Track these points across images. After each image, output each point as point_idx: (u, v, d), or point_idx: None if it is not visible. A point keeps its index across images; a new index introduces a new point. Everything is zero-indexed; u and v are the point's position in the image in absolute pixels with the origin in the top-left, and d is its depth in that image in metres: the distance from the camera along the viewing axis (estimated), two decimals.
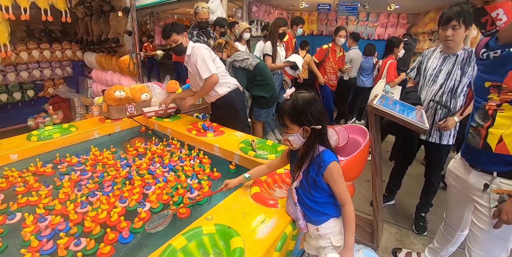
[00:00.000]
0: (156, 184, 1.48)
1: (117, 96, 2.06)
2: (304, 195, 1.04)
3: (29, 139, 1.79)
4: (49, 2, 3.30)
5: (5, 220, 1.22)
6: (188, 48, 2.03)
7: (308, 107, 0.94)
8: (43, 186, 1.46)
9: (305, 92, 0.98)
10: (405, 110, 1.72)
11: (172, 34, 1.95)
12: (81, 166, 1.68)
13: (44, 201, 1.35)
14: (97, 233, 1.14)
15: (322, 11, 5.31)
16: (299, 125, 0.97)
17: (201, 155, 1.76)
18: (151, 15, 7.69)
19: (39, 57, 3.58)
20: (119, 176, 1.56)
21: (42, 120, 3.78)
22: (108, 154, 1.80)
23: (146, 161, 1.72)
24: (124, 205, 1.32)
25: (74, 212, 1.25)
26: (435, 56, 1.96)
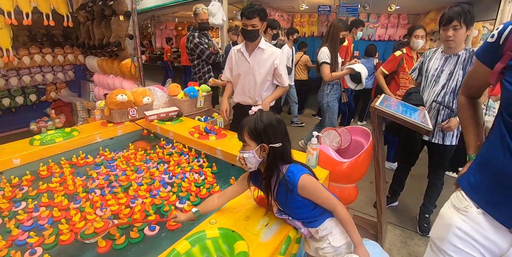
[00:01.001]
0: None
1: (119, 100, 2.06)
2: (290, 215, 1.03)
3: (32, 144, 1.80)
4: (51, 7, 3.32)
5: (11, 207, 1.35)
6: (268, 45, 2.00)
7: (271, 125, 0.94)
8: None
9: (270, 111, 1.00)
10: (407, 111, 1.72)
11: (256, 17, 1.83)
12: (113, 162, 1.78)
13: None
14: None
15: (322, 12, 5.32)
16: (257, 142, 0.95)
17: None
18: (151, 19, 7.77)
19: (41, 61, 3.59)
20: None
21: (44, 124, 3.79)
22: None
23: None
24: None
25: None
26: (437, 56, 1.96)
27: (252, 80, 2.02)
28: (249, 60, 2.00)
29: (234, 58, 2.07)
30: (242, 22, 1.89)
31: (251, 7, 1.81)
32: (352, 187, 1.58)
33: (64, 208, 1.35)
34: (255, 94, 2.06)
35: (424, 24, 5.90)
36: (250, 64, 2.00)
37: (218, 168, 1.70)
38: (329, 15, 6.46)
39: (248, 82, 2.04)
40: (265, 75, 2.02)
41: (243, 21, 1.87)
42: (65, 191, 1.48)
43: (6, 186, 1.49)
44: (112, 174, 1.64)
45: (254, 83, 2.03)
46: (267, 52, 1.99)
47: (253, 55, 2.00)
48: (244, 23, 1.87)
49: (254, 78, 2.01)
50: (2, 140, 3.51)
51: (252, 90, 2.04)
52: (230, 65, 2.11)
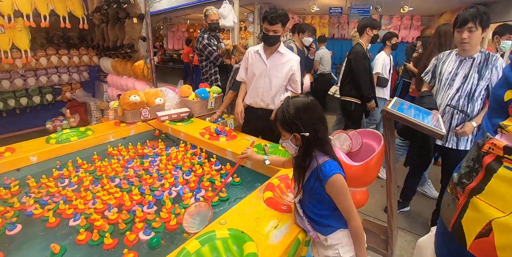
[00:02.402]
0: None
1: (132, 101, 2.11)
2: (307, 209, 1.02)
3: (48, 142, 1.85)
4: (68, 10, 3.42)
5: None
6: (287, 50, 2.00)
7: (299, 114, 0.92)
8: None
9: (302, 96, 0.96)
10: (420, 115, 1.69)
11: (278, 23, 1.79)
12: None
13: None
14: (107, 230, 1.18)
15: (333, 14, 5.30)
16: (289, 132, 0.95)
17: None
18: (164, 21, 7.88)
19: (57, 62, 3.70)
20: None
21: (59, 123, 3.90)
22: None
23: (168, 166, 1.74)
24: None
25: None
26: (451, 59, 1.92)
27: (267, 83, 2.02)
28: (267, 63, 1.99)
29: (250, 58, 2.06)
30: (263, 27, 1.87)
31: (274, 12, 1.77)
32: (363, 191, 1.57)
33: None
34: (268, 97, 2.05)
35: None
36: (267, 67, 2.00)
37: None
38: (340, 17, 6.43)
39: (263, 85, 2.03)
40: (281, 80, 2.01)
41: (264, 26, 1.85)
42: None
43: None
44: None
45: (269, 86, 2.02)
46: (285, 57, 1.98)
47: (271, 58, 1.99)
48: (265, 28, 1.85)
49: (270, 81, 2.01)
50: (20, 138, 3.66)
51: (266, 93, 2.04)
52: (246, 65, 2.10)
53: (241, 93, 2.16)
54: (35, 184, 1.56)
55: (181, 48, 8.53)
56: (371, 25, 2.77)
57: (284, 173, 1.44)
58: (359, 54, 2.76)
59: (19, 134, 3.72)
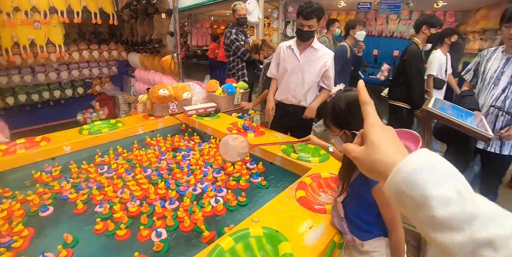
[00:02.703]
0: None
1: (161, 94, 2.13)
2: (349, 210, 0.96)
3: (81, 133, 1.91)
4: (99, 6, 3.53)
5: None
6: (321, 45, 1.95)
7: (351, 109, 0.84)
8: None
9: (355, 89, 0.89)
10: (462, 115, 1.58)
11: (314, 18, 1.75)
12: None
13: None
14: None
15: (362, 10, 5.11)
16: (339, 128, 0.89)
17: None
18: (188, 18, 7.97)
19: (88, 57, 3.84)
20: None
21: (89, 115, 4.05)
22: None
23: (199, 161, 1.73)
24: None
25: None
26: (496, 57, 1.78)
27: (299, 79, 1.97)
28: (300, 58, 1.94)
29: (282, 53, 2.02)
30: (298, 22, 1.82)
31: (309, 7, 1.72)
32: None
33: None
34: (300, 94, 2.01)
35: (474, 22, 5.46)
36: (300, 62, 1.95)
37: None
38: (368, 13, 6.20)
39: (295, 80, 1.99)
40: (314, 76, 1.96)
41: (299, 21, 1.80)
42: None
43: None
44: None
45: (302, 82, 1.97)
46: (319, 52, 1.93)
47: (304, 53, 1.94)
48: (300, 23, 1.80)
49: (303, 77, 1.96)
50: (52, 128, 3.81)
51: (298, 89, 1.99)
52: (278, 60, 2.07)
53: (272, 89, 2.12)
54: (76, 169, 1.62)
55: (204, 44, 8.61)
56: (429, 23, 2.43)
57: (316, 172, 1.40)
58: (413, 55, 2.48)
59: (52, 125, 3.90)
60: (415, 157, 0.34)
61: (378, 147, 0.37)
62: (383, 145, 0.37)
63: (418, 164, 0.33)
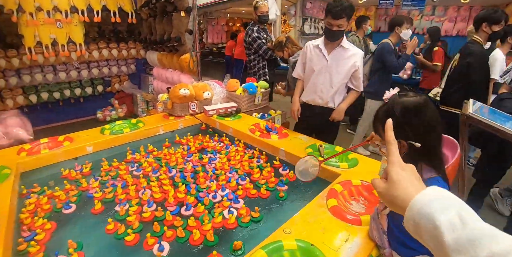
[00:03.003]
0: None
1: (182, 94, 2.10)
2: (393, 223, 0.89)
3: (103, 133, 1.91)
4: (118, 5, 3.54)
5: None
6: (350, 45, 1.87)
7: (408, 116, 0.76)
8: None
9: (412, 94, 0.79)
10: (504, 121, 1.47)
11: (344, 17, 1.66)
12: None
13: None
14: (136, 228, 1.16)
15: (383, 5, 4.91)
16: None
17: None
18: (204, 15, 7.94)
19: (108, 55, 3.87)
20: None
21: (109, 113, 4.10)
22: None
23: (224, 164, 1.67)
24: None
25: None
26: None
27: (327, 79, 1.89)
28: (328, 58, 1.86)
29: (309, 53, 1.94)
30: (326, 21, 1.73)
31: (339, 5, 1.61)
32: None
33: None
34: (327, 95, 1.93)
35: None
36: (328, 62, 1.86)
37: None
38: (389, 8, 5.99)
39: (322, 81, 1.91)
40: (343, 76, 1.87)
41: (328, 20, 1.71)
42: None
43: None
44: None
45: (330, 83, 1.89)
46: (349, 52, 1.84)
47: (333, 53, 1.85)
48: (329, 23, 1.70)
49: (330, 78, 1.88)
50: (73, 126, 3.91)
51: (325, 89, 1.92)
52: (304, 60, 1.99)
53: (298, 91, 2.05)
54: (107, 167, 1.64)
55: (220, 42, 8.56)
56: (491, 19, 2.14)
57: (346, 178, 1.33)
58: (479, 57, 2.22)
59: (73, 122, 3.98)
60: (426, 192, 0.41)
61: (398, 184, 0.45)
62: (402, 182, 0.45)
63: (428, 198, 0.40)
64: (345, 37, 1.83)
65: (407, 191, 0.43)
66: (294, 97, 2.05)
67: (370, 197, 1.25)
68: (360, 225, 1.04)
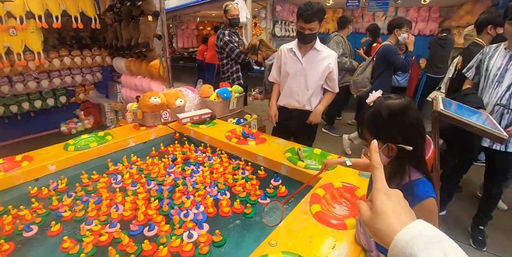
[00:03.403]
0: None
1: (153, 103, 2.00)
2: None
3: (66, 149, 1.75)
4: (79, 10, 3.34)
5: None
6: (324, 47, 1.86)
7: (396, 119, 0.75)
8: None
9: (396, 97, 0.78)
10: (470, 115, 1.54)
11: (315, 21, 1.65)
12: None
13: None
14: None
15: (350, 7, 5.08)
16: (381, 141, 0.78)
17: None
18: (173, 19, 7.77)
19: (70, 63, 3.63)
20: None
21: (74, 125, 3.84)
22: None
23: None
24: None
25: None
26: (499, 54, 1.75)
27: (303, 82, 1.88)
28: (302, 61, 1.85)
29: (283, 56, 1.92)
30: (298, 25, 1.72)
31: (309, 9, 1.61)
32: None
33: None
34: (304, 98, 1.92)
35: (458, 17, 5.56)
36: (302, 65, 1.86)
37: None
38: (355, 11, 6.22)
39: (298, 84, 1.90)
40: (318, 79, 1.87)
41: (299, 24, 1.70)
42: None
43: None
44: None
45: (305, 86, 1.88)
46: (322, 54, 1.84)
47: (307, 56, 1.85)
48: (300, 26, 1.70)
49: (306, 80, 1.87)
50: (35, 141, 3.61)
51: (301, 93, 1.90)
52: (279, 64, 1.97)
53: (274, 95, 2.02)
54: (87, 180, 1.56)
55: (191, 46, 8.41)
56: (496, 22, 2.11)
57: (327, 181, 1.31)
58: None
59: (34, 137, 3.67)
60: (410, 229, 0.38)
61: (382, 215, 0.42)
62: (385, 214, 0.42)
63: (412, 235, 0.37)
64: (318, 40, 1.83)
65: (391, 225, 0.41)
66: (271, 101, 2.03)
67: (352, 199, 1.24)
68: (345, 229, 1.02)
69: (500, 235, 2.12)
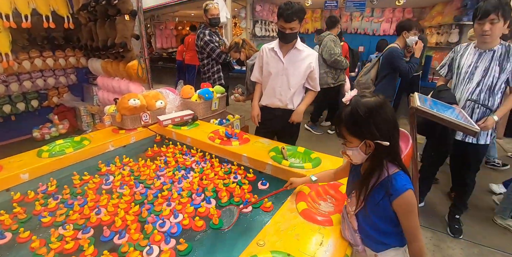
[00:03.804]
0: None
1: (132, 105, 1.94)
2: (364, 222, 0.90)
3: (40, 156, 1.65)
4: (51, 8, 3.18)
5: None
6: (305, 46, 1.86)
7: (373, 116, 0.77)
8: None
9: (370, 95, 0.81)
10: (445, 111, 1.61)
11: (295, 20, 1.67)
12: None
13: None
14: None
15: (328, 8, 5.20)
16: (359, 138, 0.81)
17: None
18: (151, 19, 7.59)
19: (42, 65, 3.44)
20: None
21: (47, 130, 3.64)
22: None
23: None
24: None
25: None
26: (469, 52, 1.84)
27: (285, 82, 1.89)
28: (284, 60, 1.86)
29: (265, 56, 1.93)
30: (279, 24, 1.74)
31: (290, 8, 1.63)
32: None
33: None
34: (286, 97, 1.93)
35: (431, 18, 5.81)
36: (284, 65, 1.87)
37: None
38: (334, 10, 6.35)
39: (280, 84, 1.91)
40: (300, 78, 1.89)
41: (280, 23, 1.72)
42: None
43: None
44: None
45: (288, 85, 1.89)
46: (303, 53, 1.86)
47: (288, 55, 1.86)
48: (281, 26, 1.71)
49: (288, 80, 1.88)
50: (5, 148, 3.40)
51: (283, 92, 1.91)
52: (261, 64, 1.97)
53: (257, 94, 2.03)
54: (79, 181, 1.54)
55: (170, 47, 8.25)
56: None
57: None
58: None
59: (4, 145, 3.44)
60: None
61: None
62: None
63: None
64: (299, 39, 1.85)
65: None
66: (253, 101, 2.03)
67: (337, 195, 1.27)
68: (332, 225, 1.04)
69: (476, 223, 2.24)
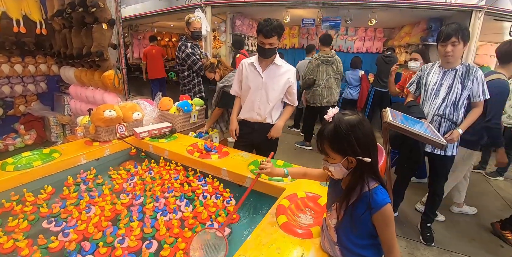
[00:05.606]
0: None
1: (107, 116, 1.87)
2: (344, 235, 0.91)
3: (4, 169, 1.53)
4: (22, 12, 3.05)
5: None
6: (283, 62, 1.93)
7: (354, 133, 0.80)
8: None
9: (351, 113, 0.84)
10: (415, 125, 1.71)
11: (274, 36, 1.72)
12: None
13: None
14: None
15: (306, 25, 5.43)
16: (341, 154, 0.83)
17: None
18: (129, 28, 7.47)
19: (9, 71, 3.26)
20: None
21: (12, 141, 3.40)
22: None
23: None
24: None
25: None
26: (435, 71, 2.00)
27: (264, 96, 1.92)
28: (263, 75, 1.90)
29: (244, 71, 1.96)
30: (258, 40, 1.78)
31: (269, 25, 1.69)
32: None
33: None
34: (265, 111, 1.96)
35: (399, 37, 6.22)
36: (263, 79, 1.90)
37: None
38: (311, 28, 6.64)
39: (259, 98, 1.94)
40: (278, 92, 1.93)
41: (259, 39, 1.77)
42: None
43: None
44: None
45: (266, 100, 1.93)
46: (282, 69, 1.91)
47: (267, 70, 1.91)
48: (261, 41, 1.76)
49: (267, 94, 1.92)
50: None
51: (262, 106, 1.94)
52: (240, 78, 2.00)
53: (235, 109, 2.05)
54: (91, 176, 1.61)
55: None
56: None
57: (291, 191, 1.34)
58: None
59: None
60: None
61: None
62: None
63: None
64: (278, 55, 1.91)
65: None
66: (232, 116, 2.04)
67: (316, 207, 1.28)
68: (312, 237, 1.04)
69: (446, 231, 2.35)
